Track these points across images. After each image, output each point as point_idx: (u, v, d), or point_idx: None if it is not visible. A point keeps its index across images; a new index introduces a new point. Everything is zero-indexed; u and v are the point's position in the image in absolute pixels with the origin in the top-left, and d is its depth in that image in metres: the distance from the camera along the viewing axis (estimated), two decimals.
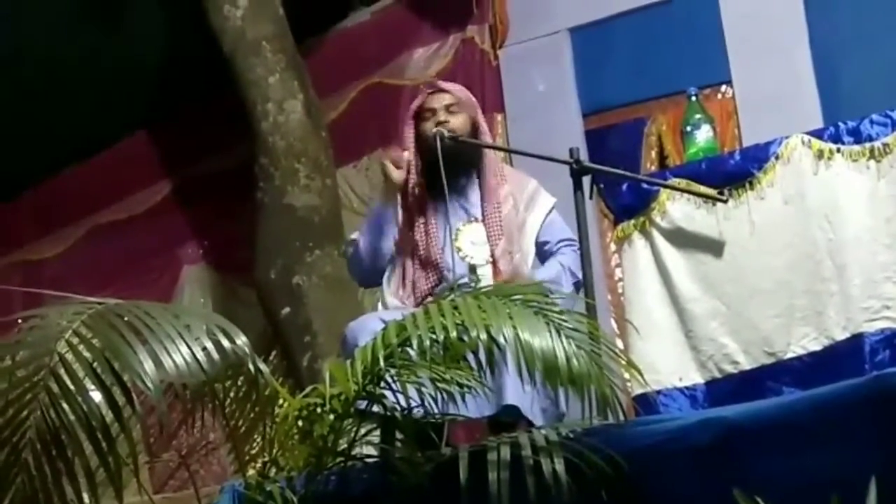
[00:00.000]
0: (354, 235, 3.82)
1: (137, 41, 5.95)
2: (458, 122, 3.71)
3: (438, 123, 3.66)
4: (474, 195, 3.74)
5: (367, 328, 3.29)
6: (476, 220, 3.69)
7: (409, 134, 3.76)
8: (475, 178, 3.76)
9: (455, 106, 3.74)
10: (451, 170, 3.61)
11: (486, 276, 3.59)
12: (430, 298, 3.47)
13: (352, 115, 5.78)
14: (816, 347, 3.71)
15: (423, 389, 2.73)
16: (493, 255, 3.62)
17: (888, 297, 3.63)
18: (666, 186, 3.92)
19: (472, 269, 3.60)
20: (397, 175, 3.63)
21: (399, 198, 3.71)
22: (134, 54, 5.97)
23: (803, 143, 3.80)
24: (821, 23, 4.76)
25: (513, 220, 3.68)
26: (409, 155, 3.70)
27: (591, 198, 3.64)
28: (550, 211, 3.75)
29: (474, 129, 3.76)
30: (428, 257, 3.65)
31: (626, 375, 3.28)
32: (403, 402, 2.75)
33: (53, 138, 6.31)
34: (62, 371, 2.34)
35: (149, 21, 5.90)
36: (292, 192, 5.03)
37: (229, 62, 5.19)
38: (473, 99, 3.83)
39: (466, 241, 3.66)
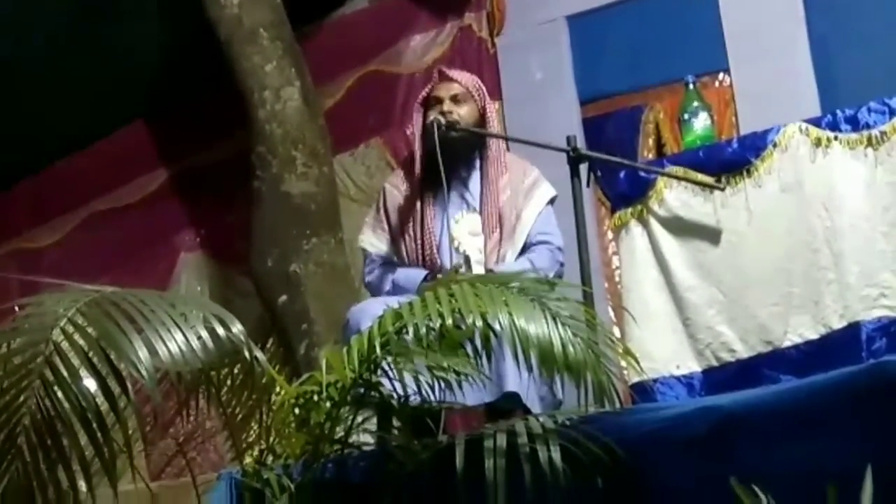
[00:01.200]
0: (369, 247, 3.80)
1: (135, 30, 5.93)
2: (462, 112, 3.71)
3: (442, 113, 3.66)
4: (475, 185, 3.74)
5: (370, 313, 3.30)
6: (474, 210, 3.70)
7: (418, 121, 3.76)
8: (477, 167, 3.76)
9: (462, 95, 3.73)
10: (451, 159, 3.61)
11: (479, 267, 3.60)
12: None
13: (349, 102, 5.77)
14: (813, 336, 3.71)
15: (420, 377, 2.73)
16: (484, 245, 3.63)
17: (885, 286, 3.63)
18: (663, 174, 3.91)
19: (467, 259, 3.60)
20: None
21: (404, 183, 3.75)
22: (131, 43, 5.95)
23: (801, 130, 3.80)
24: (818, 10, 4.75)
25: (510, 212, 3.67)
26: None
27: (588, 185, 3.65)
28: (546, 204, 3.73)
29: (482, 119, 3.75)
30: (423, 246, 3.65)
31: (623, 363, 3.27)
32: (400, 390, 2.75)
33: (50, 127, 6.29)
34: (57, 359, 2.33)
35: (146, 10, 5.89)
36: (289, 180, 5.02)
37: (226, 50, 5.17)
38: (483, 88, 3.82)
39: (463, 232, 3.67)
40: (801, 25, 4.75)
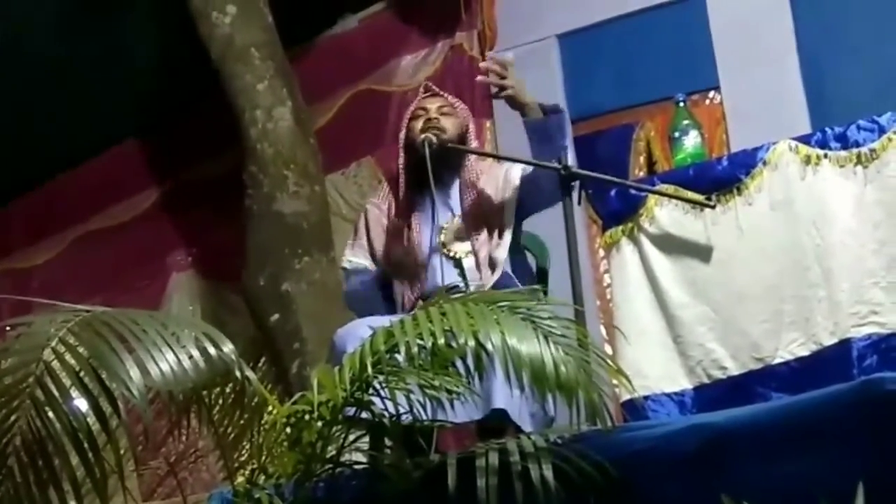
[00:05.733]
0: (347, 264, 3.81)
1: (126, 49, 5.95)
2: (448, 124, 3.72)
3: (428, 120, 3.68)
4: (455, 192, 3.76)
5: (355, 335, 3.30)
6: (458, 216, 3.72)
7: (404, 134, 3.77)
8: (457, 176, 3.78)
9: (447, 108, 3.76)
10: (436, 171, 3.63)
11: (469, 269, 3.61)
12: (419, 301, 3.50)
13: (340, 121, 5.78)
14: (804, 353, 3.71)
15: (412, 396, 2.72)
16: (472, 247, 3.65)
17: (875, 303, 3.64)
18: (654, 192, 3.92)
19: (458, 263, 3.63)
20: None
21: (388, 199, 3.76)
22: (123, 62, 5.97)
23: (791, 148, 3.81)
24: (808, 29, 4.77)
25: (493, 208, 3.69)
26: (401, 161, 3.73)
27: (579, 203, 3.65)
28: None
29: (465, 135, 3.78)
30: (415, 256, 3.67)
31: (615, 381, 3.28)
32: (392, 409, 2.74)
33: (42, 146, 6.29)
34: (48, 379, 2.33)
35: (138, 29, 5.90)
36: (281, 199, 5.02)
37: (218, 69, 5.19)
38: (466, 109, 3.85)
39: (450, 238, 3.69)
40: (791, 44, 4.77)
